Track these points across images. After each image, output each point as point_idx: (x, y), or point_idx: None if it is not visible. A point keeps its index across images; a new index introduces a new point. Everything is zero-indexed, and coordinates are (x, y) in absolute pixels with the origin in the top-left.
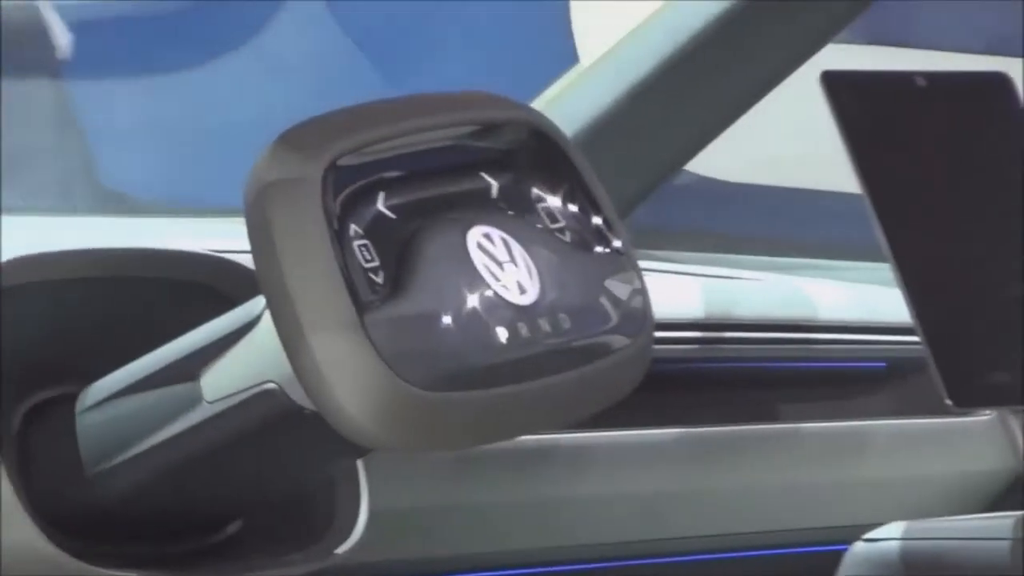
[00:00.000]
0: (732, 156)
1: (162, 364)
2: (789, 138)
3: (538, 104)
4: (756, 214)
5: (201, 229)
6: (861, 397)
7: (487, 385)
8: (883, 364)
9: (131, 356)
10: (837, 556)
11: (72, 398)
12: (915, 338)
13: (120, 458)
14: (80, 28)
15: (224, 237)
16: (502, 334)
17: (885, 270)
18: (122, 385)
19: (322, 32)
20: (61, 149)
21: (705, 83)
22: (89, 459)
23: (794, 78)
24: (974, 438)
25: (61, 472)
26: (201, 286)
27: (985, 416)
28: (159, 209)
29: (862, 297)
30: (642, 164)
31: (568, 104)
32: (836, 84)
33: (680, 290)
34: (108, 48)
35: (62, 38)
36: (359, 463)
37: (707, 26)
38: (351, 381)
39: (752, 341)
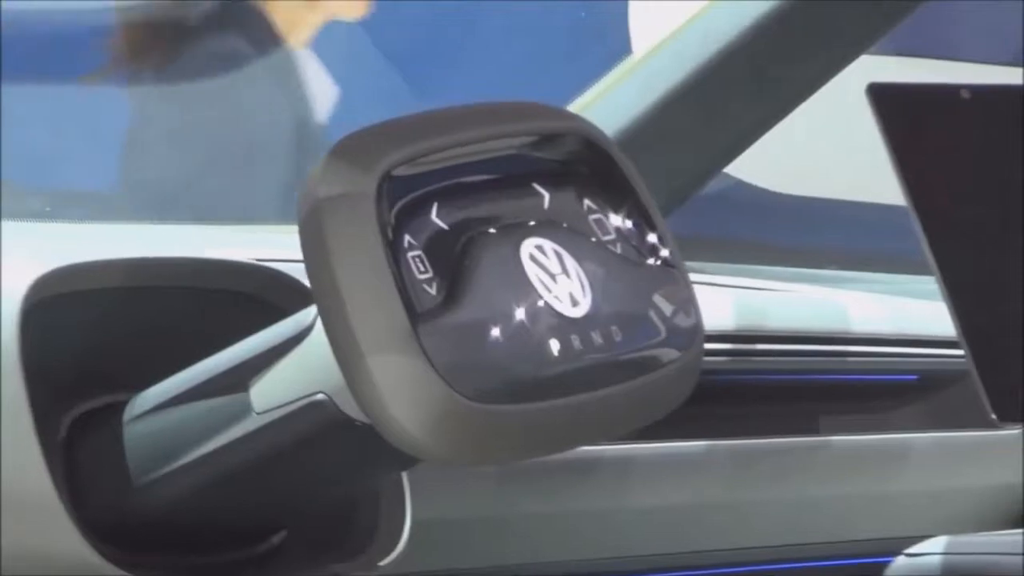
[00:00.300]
0: (770, 165)
1: (211, 374)
2: (829, 148)
3: (572, 109)
4: (792, 224)
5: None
6: (894, 409)
7: (539, 398)
8: (915, 376)
9: (178, 367)
10: (875, 569)
11: (119, 408)
12: (947, 351)
13: (167, 468)
14: None
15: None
16: (554, 346)
17: (919, 282)
18: (170, 395)
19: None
20: None
21: (739, 91)
22: (136, 469)
23: (838, 91)
24: (1010, 451)
25: (108, 482)
26: (249, 297)
27: (1019, 429)
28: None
29: (894, 309)
30: (675, 171)
31: (601, 109)
32: (882, 96)
33: (712, 301)
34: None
35: None
36: (403, 474)
37: (742, 33)
38: (404, 393)
39: (785, 353)
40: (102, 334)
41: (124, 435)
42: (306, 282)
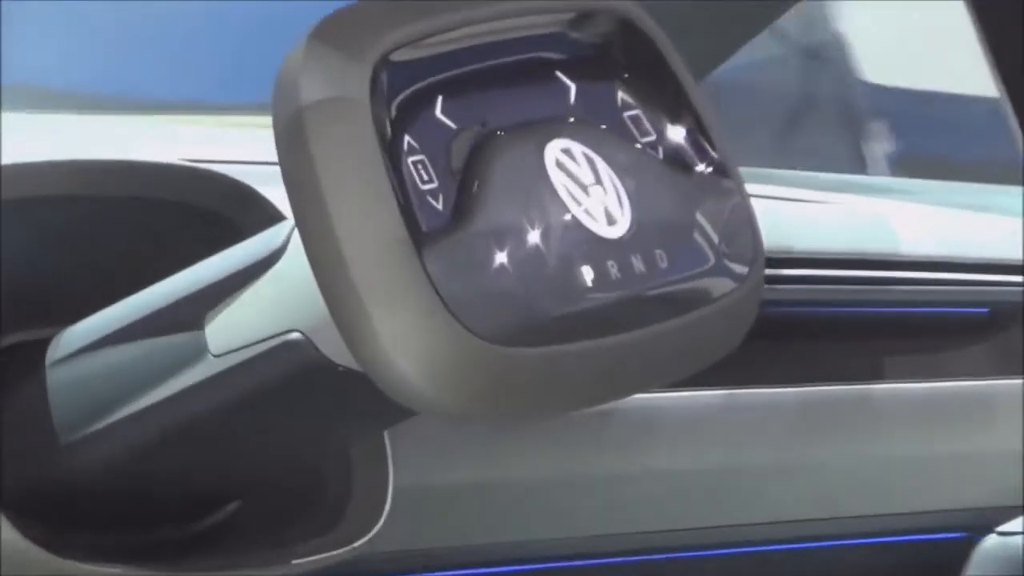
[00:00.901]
0: None
1: (155, 307)
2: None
3: None
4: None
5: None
6: (960, 350)
7: (569, 339)
8: (985, 310)
9: (114, 296)
10: (956, 547)
11: (42, 347)
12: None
13: (100, 424)
14: None
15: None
16: (587, 274)
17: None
18: (104, 332)
19: None
20: None
21: None
22: (62, 424)
23: None
24: None
25: (28, 440)
26: (201, 211)
27: None
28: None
29: (958, 227)
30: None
31: None
32: None
33: None
34: None
35: None
36: (385, 434)
37: None
38: (406, 331)
39: (830, 280)
40: (24, 252)
41: (47, 381)
42: (271, 194)
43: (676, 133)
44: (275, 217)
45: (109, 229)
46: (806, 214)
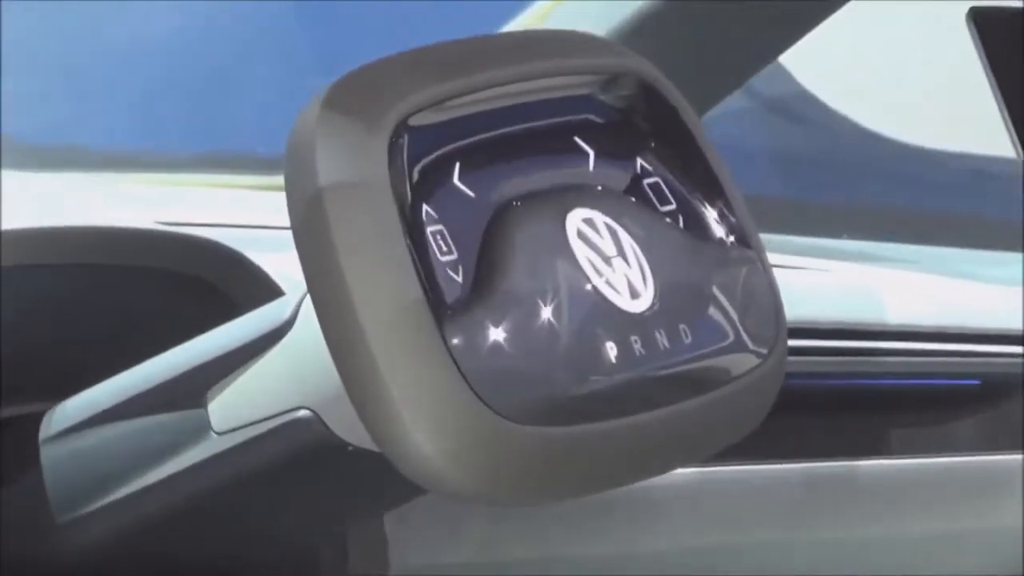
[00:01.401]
0: None
1: (154, 382)
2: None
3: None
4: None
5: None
6: (953, 423)
7: (594, 418)
8: (976, 382)
9: (110, 366)
10: None
11: (36, 421)
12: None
13: (97, 503)
14: None
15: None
16: (611, 350)
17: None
18: (101, 407)
19: None
20: None
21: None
22: (58, 502)
23: None
24: None
25: (25, 517)
26: (194, 279)
27: None
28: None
29: (947, 293)
30: None
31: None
32: (984, 21)
33: None
34: None
35: None
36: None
37: None
38: (426, 409)
39: (820, 351)
40: (15, 322)
41: (42, 458)
42: (271, 268)
43: (697, 201)
44: (264, 284)
45: (97, 298)
46: (803, 282)
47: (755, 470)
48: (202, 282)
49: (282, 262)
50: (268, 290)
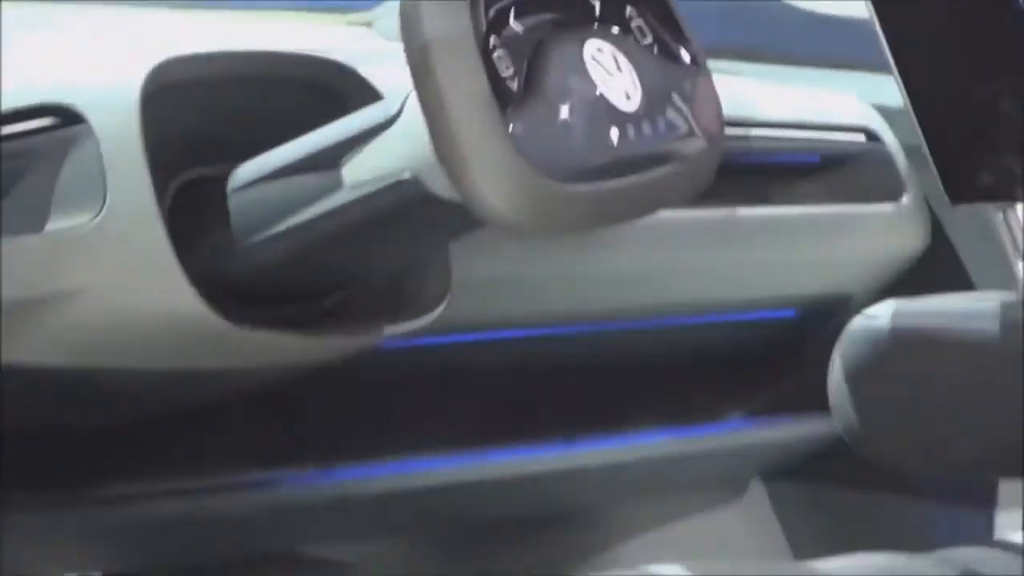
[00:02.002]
0: None
1: (305, 152)
2: None
3: None
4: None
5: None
6: (799, 185)
7: (603, 178)
8: (816, 158)
9: (272, 144)
10: (783, 321)
11: (218, 180)
12: (849, 135)
13: (269, 231)
14: None
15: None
16: (614, 135)
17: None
18: (268, 169)
19: None
20: None
21: None
22: (238, 234)
23: None
24: (900, 222)
25: (213, 245)
26: (319, 87)
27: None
28: None
29: (802, 97)
30: None
31: None
32: None
33: None
34: None
35: None
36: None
37: None
38: (495, 171)
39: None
40: (203, 115)
41: (229, 202)
42: (369, 76)
43: (667, 36)
44: (369, 90)
45: (260, 98)
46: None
47: (686, 214)
48: (325, 89)
49: (377, 75)
50: (372, 95)
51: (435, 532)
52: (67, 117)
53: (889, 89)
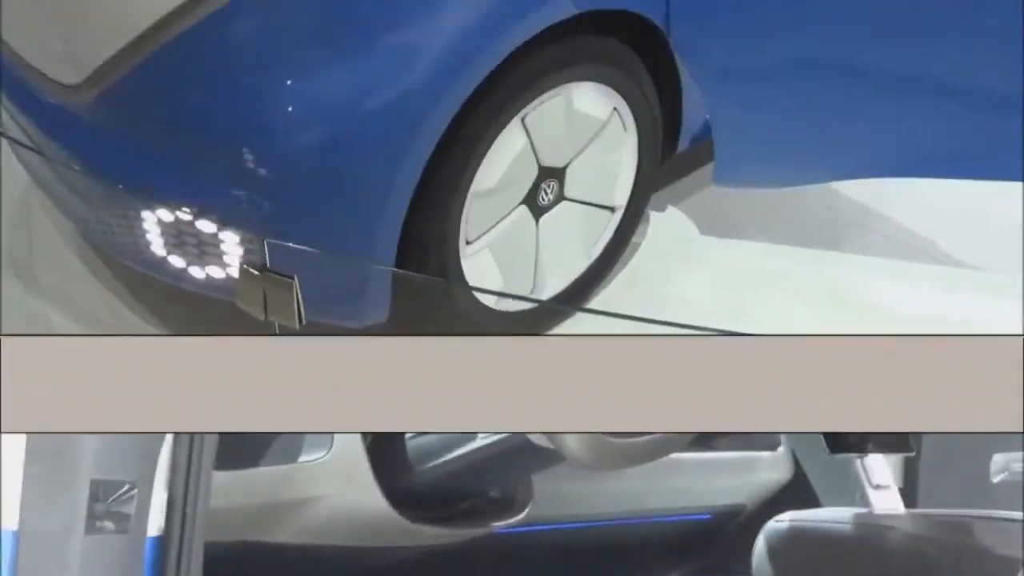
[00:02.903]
0: None
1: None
2: None
3: None
4: None
5: None
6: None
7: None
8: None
9: None
10: (701, 521)
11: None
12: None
13: (429, 466)
14: None
15: None
16: None
17: None
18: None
19: None
20: None
21: None
22: (414, 465)
23: None
24: (776, 463)
25: (398, 471)
26: None
27: (781, 451)
28: None
29: None
30: None
31: None
32: None
33: None
34: None
35: None
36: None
37: None
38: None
39: None
40: None
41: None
42: None
43: None
44: None
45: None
46: None
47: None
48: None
49: None
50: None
51: None
52: None
53: None
